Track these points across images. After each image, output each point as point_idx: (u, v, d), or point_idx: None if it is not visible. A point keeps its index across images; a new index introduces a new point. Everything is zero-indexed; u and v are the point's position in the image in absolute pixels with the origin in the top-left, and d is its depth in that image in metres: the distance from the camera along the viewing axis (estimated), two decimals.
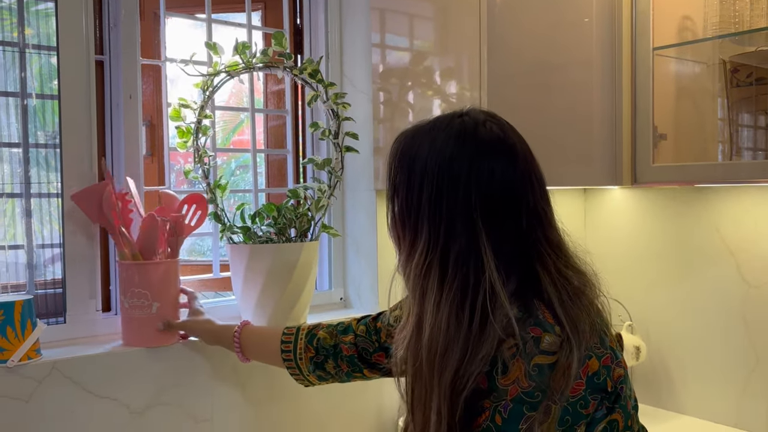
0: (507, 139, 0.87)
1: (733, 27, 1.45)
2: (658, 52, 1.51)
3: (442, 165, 0.84)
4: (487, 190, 0.83)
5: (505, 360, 0.77)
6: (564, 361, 0.76)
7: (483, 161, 0.84)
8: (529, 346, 0.77)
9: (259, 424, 1.44)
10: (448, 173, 0.84)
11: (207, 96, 1.44)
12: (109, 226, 1.30)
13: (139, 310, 1.29)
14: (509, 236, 0.83)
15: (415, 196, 0.86)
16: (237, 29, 1.58)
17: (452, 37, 1.66)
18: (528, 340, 0.77)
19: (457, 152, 0.84)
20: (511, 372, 0.77)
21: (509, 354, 0.77)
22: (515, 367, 0.77)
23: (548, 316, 0.79)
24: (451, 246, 0.82)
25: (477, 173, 0.83)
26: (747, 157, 1.66)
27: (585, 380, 0.77)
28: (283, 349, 1.21)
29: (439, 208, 0.83)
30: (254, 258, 1.41)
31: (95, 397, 1.26)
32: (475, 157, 0.84)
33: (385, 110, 1.58)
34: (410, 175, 0.87)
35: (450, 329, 0.80)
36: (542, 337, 0.77)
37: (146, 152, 1.55)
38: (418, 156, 0.87)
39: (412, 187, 0.86)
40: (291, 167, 1.68)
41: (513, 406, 0.77)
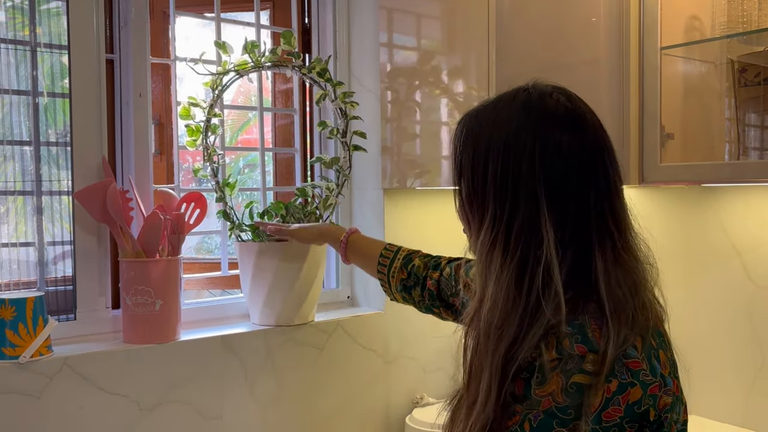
0: (575, 110, 0.84)
1: (741, 26, 1.45)
2: (665, 51, 1.50)
3: (507, 139, 0.82)
4: (553, 163, 0.80)
5: (545, 370, 0.76)
6: (606, 385, 0.73)
7: (549, 133, 0.81)
8: (571, 364, 0.75)
9: (267, 422, 1.45)
10: (513, 147, 0.81)
11: (216, 95, 1.45)
12: (112, 223, 1.31)
13: (143, 308, 1.30)
14: (573, 210, 0.80)
15: (480, 174, 0.84)
16: (246, 28, 1.59)
17: (460, 37, 1.66)
18: (573, 356, 0.75)
19: (521, 125, 0.82)
20: (549, 384, 0.76)
21: (550, 366, 0.76)
22: (553, 380, 0.75)
23: (597, 333, 0.76)
24: (515, 220, 0.80)
25: (542, 145, 0.80)
26: (754, 156, 1.66)
27: (624, 407, 0.74)
28: (380, 261, 1.25)
29: (504, 183, 0.81)
30: (262, 256, 1.42)
31: (106, 393, 1.27)
32: (541, 128, 0.81)
33: (393, 109, 1.59)
34: (475, 153, 0.85)
35: (507, 303, 0.79)
36: (586, 357, 0.75)
37: (155, 151, 1.56)
38: (482, 133, 0.84)
39: (477, 165, 0.84)
40: (299, 166, 1.69)
41: (543, 418, 0.76)
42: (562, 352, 0.76)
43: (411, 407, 1.64)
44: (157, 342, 1.32)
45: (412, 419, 1.58)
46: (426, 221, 1.70)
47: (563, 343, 0.76)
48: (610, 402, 0.74)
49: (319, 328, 1.52)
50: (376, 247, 1.29)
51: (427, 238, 1.70)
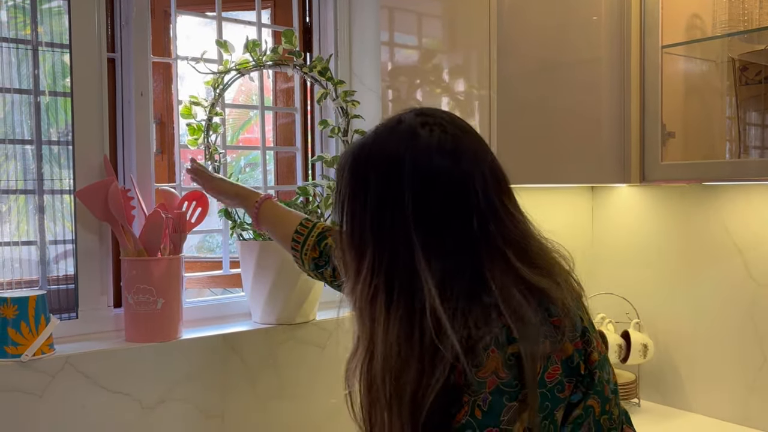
0: (449, 140, 0.83)
1: (741, 25, 1.45)
2: (666, 50, 1.51)
3: (381, 182, 0.81)
4: (427, 204, 0.80)
5: (478, 351, 0.76)
6: (525, 350, 0.75)
7: (421, 170, 0.80)
8: (502, 337, 0.75)
9: (269, 421, 1.45)
10: (386, 190, 0.81)
11: (218, 93, 1.45)
12: (113, 222, 1.31)
13: (145, 306, 1.30)
14: (453, 245, 0.80)
15: (357, 217, 0.83)
16: (247, 27, 1.59)
17: (461, 36, 1.66)
18: (500, 331, 0.76)
19: (394, 166, 0.81)
20: (487, 364, 0.75)
21: (482, 346, 0.75)
22: (491, 359, 0.75)
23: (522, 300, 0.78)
24: (394, 268, 0.80)
25: (413, 186, 0.80)
26: (755, 155, 1.66)
27: (560, 364, 0.77)
28: (294, 238, 1.23)
29: (381, 229, 0.81)
30: (264, 255, 1.42)
31: (107, 391, 1.27)
32: (413, 166, 0.80)
33: (394, 108, 1.59)
34: (352, 196, 0.84)
35: (402, 352, 0.78)
36: (511, 327, 0.76)
37: (156, 150, 1.56)
38: (358, 174, 0.84)
39: (354, 207, 0.84)
40: (300, 165, 1.69)
41: (492, 398, 0.75)
42: (493, 324, 0.76)
43: None
44: (159, 340, 1.32)
45: None
46: None
47: (491, 316, 0.76)
48: (549, 362, 0.77)
49: (320, 326, 1.52)
50: (291, 221, 1.25)
51: None
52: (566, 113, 1.59)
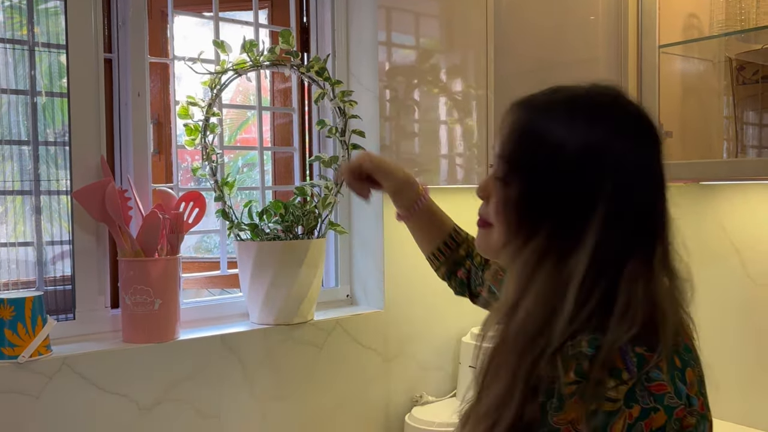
0: (646, 116, 0.79)
1: (739, 24, 1.45)
2: (664, 49, 1.51)
3: (583, 149, 0.75)
4: (629, 183, 0.75)
5: (562, 396, 0.70)
6: (627, 411, 0.69)
7: (624, 144, 0.76)
8: (591, 388, 0.69)
9: (266, 421, 1.45)
10: (588, 158, 0.75)
11: (215, 94, 1.45)
12: (110, 222, 1.31)
13: (142, 307, 1.30)
14: (637, 236, 0.76)
15: (542, 182, 0.76)
16: (244, 27, 1.59)
17: (458, 35, 1.66)
18: (592, 380, 0.69)
19: (600, 140, 0.75)
20: (568, 412, 0.70)
21: (568, 391, 0.69)
22: (573, 408, 0.69)
23: (617, 356, 0.71)
24: (573, 245, 0.74)
25: (617, 165, 0.75)
26: (752, 154, 1.66)
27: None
28: (441, 249, 1.19)
29: (570, 200, 0.75)
30: (261, 255, 1.42)
31: (105, 392, 1.27)
32: (615, 138, 0.76)
33: (392, 108, 1.59)
34: (537, 157, 0.77)
35: (544, 318, 0.74)
36: (607, 382, 0.69)
37: (154, 150, 1.56)
38: (551, 136, 0.76)
39: (538, 171, 0.76)
40: (298, 165, 1.69)
41: None
42: (582, 375, 0.70)
43: (410, 406, 1.64)
44: (156, 341, 1.32)
45: (412, 418, 1.58)
46: None
47: (583, 367, 0.70)
48: (633, 428, 0.70)
49: (318, 326, 1.52)
50: (443, 226, 1.19)
51: None
52: None
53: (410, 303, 1.67)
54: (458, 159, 1.68)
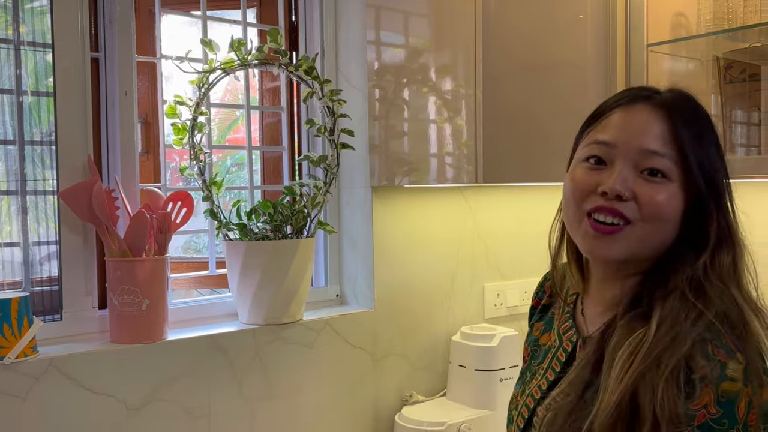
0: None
1: (726, 23, 1.46)
2: (652, 48, 1.51)
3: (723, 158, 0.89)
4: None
5: (694, 381, 0.76)
6: (748, 389, 0.75)
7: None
8: (716, 371, 0.75)
9: (255, 421, 1.45)
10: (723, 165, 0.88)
11: (203, 93, 1.44)
12: (97, 223, 1.30)
13: (130, 308, 1.30)
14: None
15: (713, 184, 0.87)
16: (232, 26, 1.59)
17: (447, 34, 1.66)
18: (716, 362, 0.76)
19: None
20: (701, 397, 0.75)
21: (699, 375, 0.76)
22: (704, 392, 0.75)
23: (728, 340, 0.78)
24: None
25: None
26: (741, 153, 1.67)
27: (758, 409, 0.76)
28: None
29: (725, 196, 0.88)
30: (250, 255, 1.42)
31: (92, 393, 1.26)
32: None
33: (381, 107, 1.59)
34: (713, 161, 0.87)
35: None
36: (727, 363, 0.76)
37: (142, 150, 1.55)
38: (713, 141, 0.88)
39: (712, 172, 0.87)
40: (286, 164, 1.68)
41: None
42: (708, 356, 0.76)
43: (400, 405, 1.64)
44: (144, 342, 1.32)
45: (402, 417, 1.58)
46: (414, 219, 1.70)
47: (707, 348, 0.77)
48: (751, 406, 0.75)
49: (307, 326, 1.51)
50: None
51: (415, 235, 1.70)
52: (552, 111, 1.59)
53: (400, 302, 1.67)
54: (448, 158, 1.68)
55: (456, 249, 1.77)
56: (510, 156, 1.64)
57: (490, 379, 1.60)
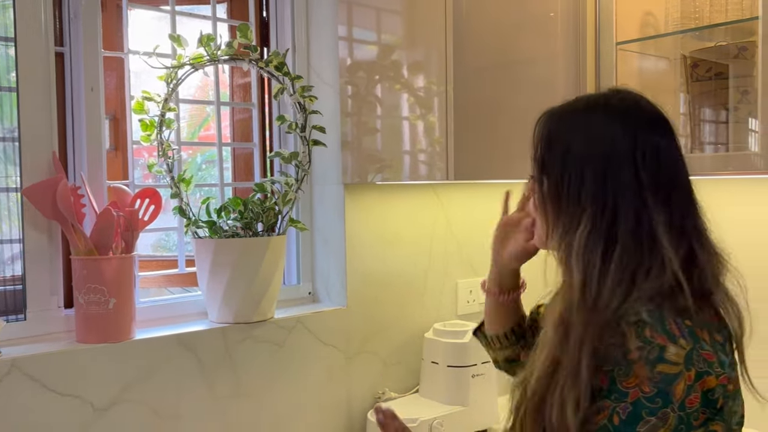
0: (663, 114, 0.90)
1: (693, 22, 1.47)
2: (621, 46, 1.53)
3: (606, 146, 0.87)
4: (654, 167, 0.85)
5: (630, 361, 0.79)
6: (686, 373, 0.78)
7: (648, 138, 0.86)
8: (653, 353, 0.79)
9: (226, 420, 1.43)
10: (612, 153, 0.86)
11: (171, 89, 1.42)
12: (63, 220, 1.28)
13: (96, 307, 1.27)
14: (678, 210, 0.87)
15: (575, 176, 0.88)
16: (202, 21, 1.57)
17: (420, 31, 1.66)
18: (654, 345, 0.79)
19: (620, 132, 0.86)
20: (634, 375, 0.79)
21: (633, 356, 0.79)
22: (637, 371, 0.79)
23: (673, 325, 0.81)
24: (619, 223, 0.85)
25: (642, 151, 0.85)
26: (709, 150, 1.69)
27: (700, 394, 0.79)
28: (501, 340, 1.22)
29: (603, 188, 0.86)
30: (220, 252, 1.40)
31: (57, 395, 1.24)
32: (639, 134, 0.86)
33: (353, 104, 1.58)
34: (565, 156, 0.89)
35: (600, 294, 0.84)
36: (667, 347, 0.79)
37: (110, 146, 1.53)
38: (575, 138, 0.89)
39: (568, 167, 0.89)
40: (258, 161, 1.67)
41: (632, 409, 0.79)
42: (645, 340, 0.79)
43: (373, 402, 1.64)
44: (111, 341, 1.30)
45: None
46: (387, 216, 1.69)
47: (645, 332, 0.80)
48: (691, 389, 0.78)
49: (278, 324, 1.50)
50: (518, 311, 1.22)
51: (388, 232, 1.70)
52: (523, 109, 1.59)
53: (373, 300, 1.66)
54: (420, 155, 1.68)
55: (428, 246, 1.77)
56: (481, 153, 1.64)
57: (462, 376, 1.60)
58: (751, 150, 1.49)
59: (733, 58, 1.47)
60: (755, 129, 1.39)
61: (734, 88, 1.50)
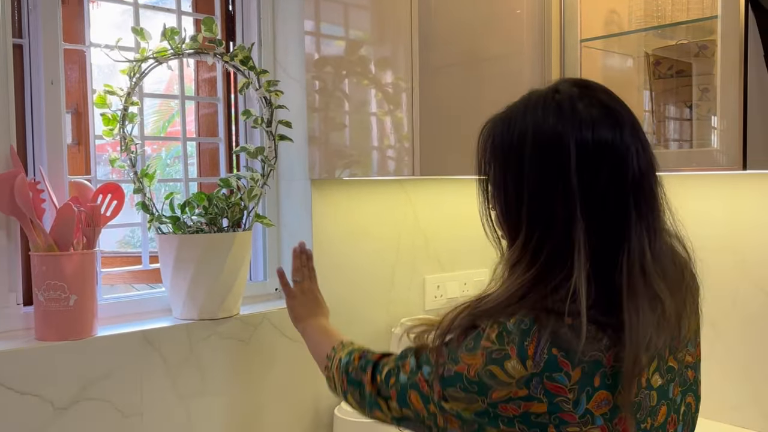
0: (611, 111, 0.82)
1: (655, 20, 1.50)
2: (585, 44, 1.54)
3: (542, 151, 0.81)
4: (591, 174, 0.79)
5: (479, 342, 0.81)
6: (515, 389, 0.78)
7: (586, 140, 0.79)
8: (497, 354, 0.78)
9: (191, 418, 1.42)
10: (548, 161, 0.80)
11: (134, 82, 1.40)
12: (21, 216, 1.25)
13: (56, 303, 1.25)
14: (604, 225, 0.80)
15: (512, 186, 0.84)
16: (167, 15, 1.55)
17: (387, 27, 1.66)
18: (503, 350, 0.78)
19: (556, 136, 0.80)
20: (474, 357, 0.80)
21: (483, 345, 0.80)
22: (478, 357, 0.80)
23: (531, 347, 0.77)
24: (546, 240, 0.80)
25: (578, 159, 0.79)
26: (673, 147, 1.71)
27: (521, 412, 0.78)
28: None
29: (539, 200, 0.81)
30: (184, 248, 1.39)
31: (16, 393, 1.21)
32: (577, 137, 0.79)
33: (320, 99, 1.57)
34: (506, 164, 0.85)
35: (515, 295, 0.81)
36: (512, 359, 0.77)
37: (72, 141, 1.50)
38: (513, 143, 0.84)
39: (507, 176, 0.84)
40: (223, 156, 1.65)
41: (452, 376, 0.83)
42: (500, 341, 0.78)
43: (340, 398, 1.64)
44: (72, 338, 1.27)
45: (341, 410, 1.58)
46: (355, 211, 1.69)
47: (502, 333, 0.79)
48: (512, 401, 0.78)
49: (244, 321, 1.49)
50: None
51: (356, 228, 1.69)
52: (489, 105, 1.60)
53: (340, 295, 1.66)
54: (388, 151, 1.68)
55: (396, 242, 1.77)
56: (447, 149, 1.65)
57: None
58: (713, 146, 1.51)
59: (695, 56, 1.50)
60: (715, 126, 1.41)
61: (696, 85, 1.52)
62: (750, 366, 1.62)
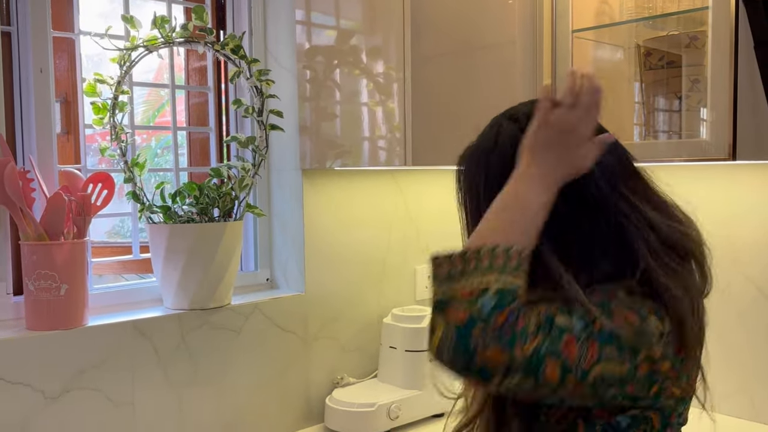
0: None
1: (646, 11, 1.50)
2: (577, 34, 1.54)
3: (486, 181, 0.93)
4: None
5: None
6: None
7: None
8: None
9: (182, 407, 1.42)
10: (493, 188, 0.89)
11: (124, 71, 1.39)
12: (11, 205, 1.25)
13: (47, 293, 1.25)
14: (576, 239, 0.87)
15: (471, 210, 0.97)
16: (157, 3, 1.53)
17: (379, 16, 1.65)
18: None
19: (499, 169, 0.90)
20: None
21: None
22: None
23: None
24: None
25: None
26: (663, 137, 1.72)
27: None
28: None
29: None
30: (174, 238, 1.39)
31: (6, 383, 1.21)
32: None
33: (311, 89, 1.57)
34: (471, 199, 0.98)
35: None
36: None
37: (62, 130, 1.49)
38: (476, 176, 0.96)
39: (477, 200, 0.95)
40: (214, 146, 1.65)
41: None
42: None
43: (331, 388, 1.64)
44: (63, 328, 1.27)
45: (333, 399, 1.58)
46: (346, 202, 1.69)
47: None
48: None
49: (235, 311, 1.50)
50: None
51: (347, 218, 1.70)
52: (480, 95, 1.60)
53: (331, 285, 1.66)
54: (379, 141, 1.68)
55: (387, 232, 1.78)
56: (438, 138, 1.65)
57: (419, 360, 1.62)
58: (702, 137, 1.52)
59: (685, 47, 1.50)
60: (705, 117, 1.42)
61: (686, 77, 1.53)
62: (740, 356, 1.63)
